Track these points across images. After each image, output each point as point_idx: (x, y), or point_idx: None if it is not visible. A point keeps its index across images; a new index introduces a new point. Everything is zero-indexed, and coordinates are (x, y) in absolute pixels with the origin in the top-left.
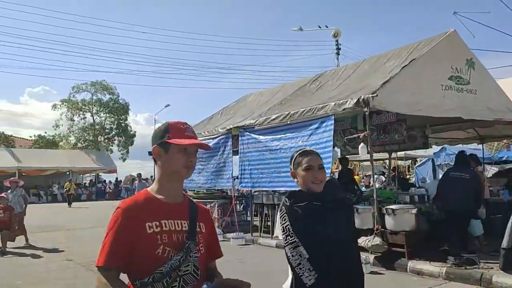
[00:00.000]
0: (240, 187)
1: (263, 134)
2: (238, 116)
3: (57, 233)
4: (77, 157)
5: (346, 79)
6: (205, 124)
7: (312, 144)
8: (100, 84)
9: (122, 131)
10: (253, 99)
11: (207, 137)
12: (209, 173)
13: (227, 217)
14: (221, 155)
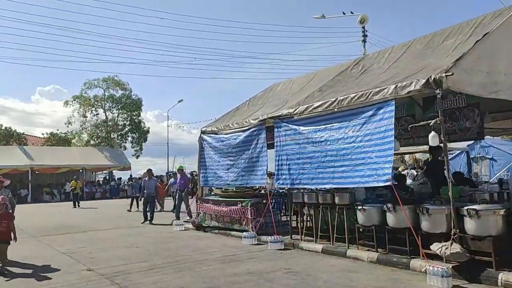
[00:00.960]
0: (276, 184)
1: (304, 125)
2: (269, 106)
3: (72, 236)
4: (90, 154)
5: (397, 61)
6: (231, 116)
7: (365, 135)
8: (112, 79)
9: (135, 127)
10: (282, 88)
11: (237, 130)
12: (239, 169)
13: (261, 217)
14: (253, 149)
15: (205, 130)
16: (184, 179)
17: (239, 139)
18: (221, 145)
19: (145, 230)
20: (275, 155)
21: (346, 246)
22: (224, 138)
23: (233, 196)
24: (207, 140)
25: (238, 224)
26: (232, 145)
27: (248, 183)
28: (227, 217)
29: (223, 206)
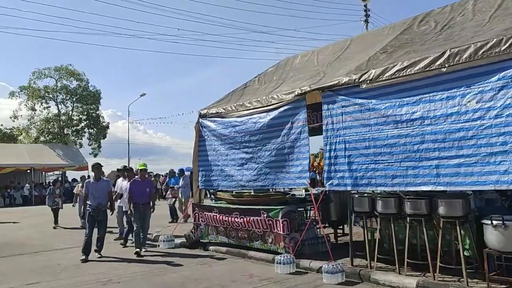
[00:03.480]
0: (328, 186)
1: (379, 97)
2: (296, 80)
3: (18, 261)
4: (39, 152)
5: (500, 8)
6: (239, 95)
7: (507, 106)
8: (65, 69)
9: (92, 122)
10: (303, 60)
11: (259, 110)
12: (261, 164)
13: (297, 233)
14: (285, 136)
15: (206, 113)
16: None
17: (261, 122)
18: (232, 132)
19: (123, 250)
20: (325, 143)
21: (465, 282)
22: (236, 122)
23: (252, 203)
24: (210, 126)
25: (261, 241)
26: (251, 132)
27: (276, 184)
28: (243, 231)
29: (236, 217)
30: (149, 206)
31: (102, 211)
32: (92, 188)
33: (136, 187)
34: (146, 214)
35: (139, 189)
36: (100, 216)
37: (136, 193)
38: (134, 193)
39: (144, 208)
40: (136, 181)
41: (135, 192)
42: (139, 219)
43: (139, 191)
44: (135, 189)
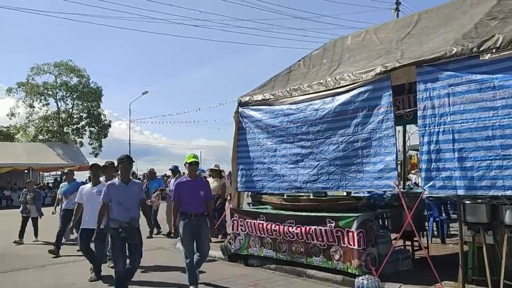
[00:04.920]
0: (428, 189)
1: (510, 71)
2: (362, 60)
3: (18, 280)
4: (38, 151)
5: None
6: (284, 81)
7: None
8: (65, 65)
9: (93, 120)
10: (358, 40)
11: (322, 93)
12: (323, 161)
13: (373, 247)
14: (359, 126)
15: (249, 100)
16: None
17: (326, 109)
18: (283, 122)
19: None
20: (422, 134)
21: None
22: (291, 110)
23: (313, 209)
24: (253, 116)
25: (323, 258)
26: (310, 121)
27: (342, 187)
28: (299, 244)
29: (290, 225)
30: (205, 218)
31: (136, 229)
32: (119, 194)
33: (186, 189)
34: (202, 231)
35: (190, 193)
36: (135, 237)
37: (186, 199)
38: (182, 198)
39: (199, 222)
40: (184, 181)
41: (183, 197)
42: (190, 239)
43: (189, 195)
44: (183, 192)
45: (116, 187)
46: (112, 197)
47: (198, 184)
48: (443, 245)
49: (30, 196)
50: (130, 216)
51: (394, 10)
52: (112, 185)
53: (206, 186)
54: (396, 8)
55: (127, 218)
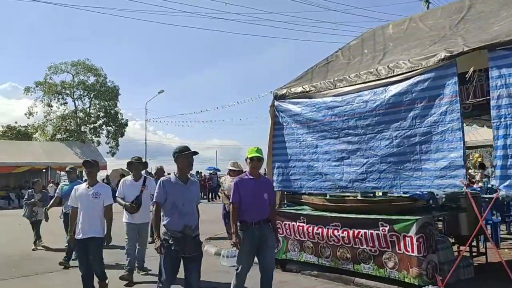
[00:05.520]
0: (504, 189)
1: None
2: (414, 47)
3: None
4: (56, 150)
5: None
6: (323, 72)
7: None
8: (82, 64)
9: (110, 119)
10: (401, 29)
11: (372, 83)
12: (373, 158)
13: (433, 253)
14: (417, 118)
15: (286, 93)
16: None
17: (377, 100)
18: (327, 115)
19: None
20: (496, 127)
21: None
22: (335, 102)
23: (362, 210)
24: (291, 110)
25: (374, 265)
26: (358, 114)
27: (396, 186)
28: (345, 249)
29: (335, 229)
30: (269, 227)
31: (192, 239)
32: (176, 195)
33: (247, 190)
34: (267, 241)
35: (252, 195)
36: (190, 249)
37: (249, 203)
38: (244, 202)
39: (262, 231)
40: (246, 179)
41: (245, 200)
42: (250, 254)
43: (251, 198)
44: (245, 193)
45: (172, 186)
46: (166, 197)
47: (262, 184)
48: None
49: (38, 197)
50: (184, 223)
51: (425, 2)
52: (168, 182)
53: (270, 187)
54: (426, 0)
55: (180, 225)
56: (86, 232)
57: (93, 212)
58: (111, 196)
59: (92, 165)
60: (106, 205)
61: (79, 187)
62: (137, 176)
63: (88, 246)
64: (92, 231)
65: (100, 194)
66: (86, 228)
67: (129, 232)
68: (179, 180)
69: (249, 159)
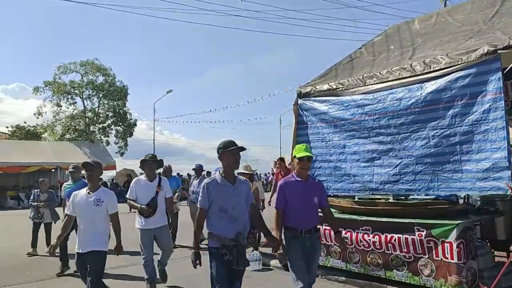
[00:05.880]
0: None
1: None
2: (448, 42)
3: None
4: (65, 150)
5: None
6: (348, 70)
7: None
8: (91, 63)
9: (119, 119)
10: (429, 24)
11: (405, 80)
12: (407, 158)
13: (473, 260)
14: (457, 117)
15: (310, 91)
16: None
17: (411, 97)
18: (356, 114)
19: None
20: None
21: None
22: (366, 100)
23: (395, 214)
24: (316, 108)
25: (407, 272)
26: (391, 112)
27: (433, 188)
28: (376, 254)
29: (365, 233)
30: (318, 237)
31: (244, 249)
32: (224, 197)
33: (294, 193)
34: (315, 253)
35: (300, 199)
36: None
37: (297, 208)
38: (291, 207)
39: (313, 242)
40: (293, 181)
41: (293, 205)
42: (302, 259)
43: (299, 202)
44: (291, 197)
45: (218, 188)
46: (213, 200)
47: (311, 186)
48: None
49: (44, 198)
50: (237, 229)
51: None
52: (212, 184)
53: (322, 189)
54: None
55: (232, 232)
56: (86, 246)
57: (94, 222)
58: (116, 203)
59: (93, 167)
60: (112, 214)
61: (79, 193)
62: (152, 175)
63: (88, 260)
64: (93, 244)
65: (102, 201)
66: (87, 241)
67: (144, 239)
68: (226, 180)
69: (298, 159)
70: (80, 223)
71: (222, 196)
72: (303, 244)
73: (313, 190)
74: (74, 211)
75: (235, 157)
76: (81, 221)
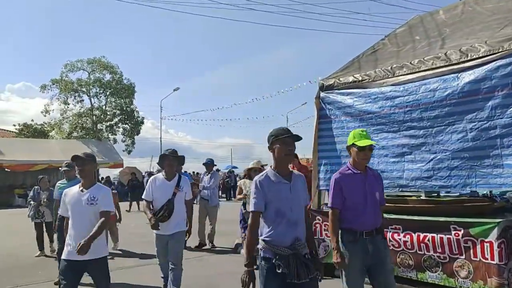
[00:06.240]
0: None
1: None
2: (481, 31)
3: None
4: (73, 148)
5: None
6: (372, 61)
7: None
8: (98, 61)
9: (127, 117)
10: (456, 13)
11: (439, 70)
12: (441, 153)
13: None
14: (497, 108)
15: (334, 83)
16: None
17: (447, 88)
18: (385, 107)
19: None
20: None
21: None
22: (396, 92)
23: (428, 212)
24: (340, 101)
25: (441, 273)
26: (424, 104)
27: (470, 185)
28: (407, 254)
29: (395, 232)
30: (384, 240)
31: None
32: (280, 197)
33: (353, 188)
34: (382, 257)
35: (359, 194)
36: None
37: (356, 205)
38: (349, 205)
39: (376, 246)
40: (351, 176)
41: (352, 202)
42: (360, 273)
43: (359, 198)
44: (350, 193)
45: (273, 186)
46: (267, 202)
47: (372, 179)
48: None
49: (45, 196)
50: (295, 235)
51: None
52: (266, 181)
53: (382, 184)
54: None
55: (288, 239)
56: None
57: (89, 224)
58: (111, 200)
59: (85, 161)
60: (102, 212)
61: (70, 190)
62: (170, 174)
63: (87, 271)
64: (94, 251)
65: (97, 199)
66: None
67: (158, 246)
68: (280, 176)
69: (357, 148)
70: (72, 226)
71: (278, 196)
72: (364, 249)
73: (373, 184)
74: (67, 211)
75: (287, 148)
76: (73, 223)
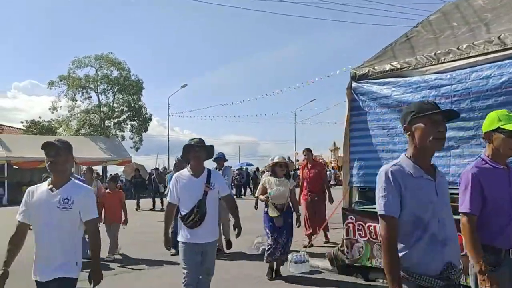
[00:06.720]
0: None
1: None
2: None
3: None
4: (81, 145)
5: None
6: (407, 49)
7: None
8: (105, 57)
9: (134, 113)
10: (494, 0)
11: (491, 55)
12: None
13: None
14: None
15: (367, 72)
16: None
17: (504, 75)
18: (428, 96)
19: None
20: None
21: None
22: (441, 80)
23: None
24: (377, 91)
25: None
26: (475, 93)
27: None
28: None
29: None
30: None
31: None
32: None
33: (495, 188)
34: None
35: (504, 197)
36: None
37: (498, 212)
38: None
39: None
40: (490, 171)
41: (491, 206)
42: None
43: (505, 203)
44: (491, 194)
45: (410, 180)
46: (403, 204)
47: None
48: None
49: None
50: (447, 259)
51: None
52: (400, 172)
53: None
54: None
55: (440, 264)
56: (48, 271)
57: (60, 234)
58: (93, 204)
59: (59, 150)
60: (87, 221)
61: (37, 189)
62: (198, 169)
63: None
64: (59, 269)
65: (72, 201)
66: (49, 263)
67: (187, 258)
68: (422, 169)
69: (506, 134)
70: (38, 236)
71: (417, 197)
72: (510, 275)
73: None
74: (28, 217)
75: (436, 129)
76: (39, 232)
